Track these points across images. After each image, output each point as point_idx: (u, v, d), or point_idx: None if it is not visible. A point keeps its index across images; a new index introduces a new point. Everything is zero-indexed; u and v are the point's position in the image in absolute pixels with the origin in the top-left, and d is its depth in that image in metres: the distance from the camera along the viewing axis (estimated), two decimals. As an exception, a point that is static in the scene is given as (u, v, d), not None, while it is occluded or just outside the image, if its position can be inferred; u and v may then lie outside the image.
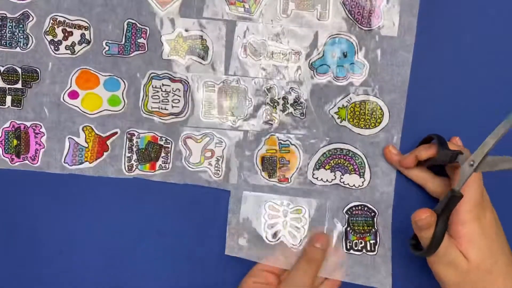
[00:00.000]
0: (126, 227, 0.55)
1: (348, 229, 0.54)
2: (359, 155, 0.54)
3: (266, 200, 0.54)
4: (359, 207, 0.54)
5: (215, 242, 0.55)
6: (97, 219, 0.55)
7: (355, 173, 0.54)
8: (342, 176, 0.54)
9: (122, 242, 0.55)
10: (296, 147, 0.54)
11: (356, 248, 0.54)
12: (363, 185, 0.54)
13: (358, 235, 0.54)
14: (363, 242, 0.54)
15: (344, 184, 0.54)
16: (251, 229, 0.54)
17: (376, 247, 0.54)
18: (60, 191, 0.55)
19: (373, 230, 0.54)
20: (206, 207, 0.55)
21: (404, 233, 0.53)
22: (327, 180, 0.54)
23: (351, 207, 0.54)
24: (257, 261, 0.53)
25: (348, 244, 0.54)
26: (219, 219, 0.55)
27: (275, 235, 0.54)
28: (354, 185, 0.54)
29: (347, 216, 0.54)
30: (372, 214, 0.54)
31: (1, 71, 0.54)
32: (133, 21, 0.53)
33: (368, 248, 0.54)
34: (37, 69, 0.54)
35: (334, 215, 0.54)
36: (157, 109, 0.54)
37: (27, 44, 0.54)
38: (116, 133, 0.54)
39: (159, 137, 0.54)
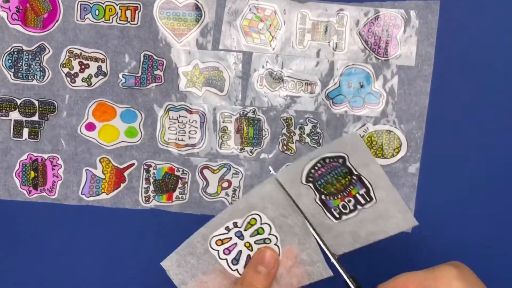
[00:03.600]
0: (142, 257, 0.55)
1: (323, 197, 0.42)
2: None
3: (208, 238, 0.44)
4: (320, 164, 0.41)
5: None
6: (113, 249, 0.55)
7: (373, 203, 0.54)
8: (359, 206, 0.54)
9: (139, 270, 0.55)
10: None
11: (346, 211, 0.42)
12: (380, 215, 0.54)
13: (338, 196, 0.41)
14: (351, 200, 0.41)
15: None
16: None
17: (371, 194, 0.41)
18: (77, 222, 0.55)
19: (354, 177, 0.41)
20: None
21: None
22: (344, 210, 0.54)
23: (310, 170, 0.41)
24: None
25: (335, 213, 0.42)
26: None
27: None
28: (371, 215, 0.54)
29: (310, 184, 0.42)
30: (341, 160, 0.41)
31: (18, 103, 0.54)
32: (150, 53, 0.53)
33: (362, 202, 0.41)
34: (53, 102, 0.54)
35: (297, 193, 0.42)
36: (174, 141, 0.54)
37: (43, 77, 0.54)
38: (133, 164, 0.54)
39: (176, 168, 0.54)
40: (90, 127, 0.54)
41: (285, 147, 0.54)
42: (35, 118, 0.54)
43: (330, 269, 0.43)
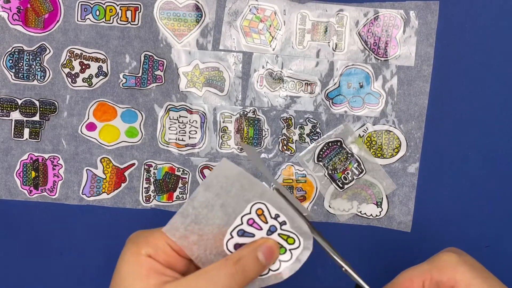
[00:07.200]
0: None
1: (331, 173, 0.54)
2: (376, 184, 0.54)
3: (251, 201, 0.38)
4: (324, 149, 0.54)
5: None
6: (113, 249, 0.55)
7: (372, 203, 0.54)
8: (359, 206, 0.54)
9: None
10: (313, 176, 0.54)
11: (347, 181, 0.54)
12: (380, 214, 0.54)
13: (340, 170, 0.54)
14: (349, 172, 0.54)
15: (361, 213, 0.54)
16: None
17: (362, 166, 0.54)
18: (78, 222, 0.55)
19: (349, 155, 0.54)
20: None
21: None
22: (343, 210, 0.54)
23: (318, 155, 0.54)
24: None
25: (339, 184, 0.54)
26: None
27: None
28: (371, 214, 0.54)
29: (325, 167, 0.54)
30: (339, 143, 0.54)
31: (19, 104, 0.54)
32: (150, 54, 0.54)
33: (357, 172, 0.54)
34: (54, 102, 0.54)
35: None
36: (174, 141, 0.54)
37: (44, 77, 0.54)
38: (133, 164, 0.55)
39: (176, 168, 0.55)
40: (91, 127, 0.54)
41: (285, 147, 0.54)
42: (36, 118, 0.54)
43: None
